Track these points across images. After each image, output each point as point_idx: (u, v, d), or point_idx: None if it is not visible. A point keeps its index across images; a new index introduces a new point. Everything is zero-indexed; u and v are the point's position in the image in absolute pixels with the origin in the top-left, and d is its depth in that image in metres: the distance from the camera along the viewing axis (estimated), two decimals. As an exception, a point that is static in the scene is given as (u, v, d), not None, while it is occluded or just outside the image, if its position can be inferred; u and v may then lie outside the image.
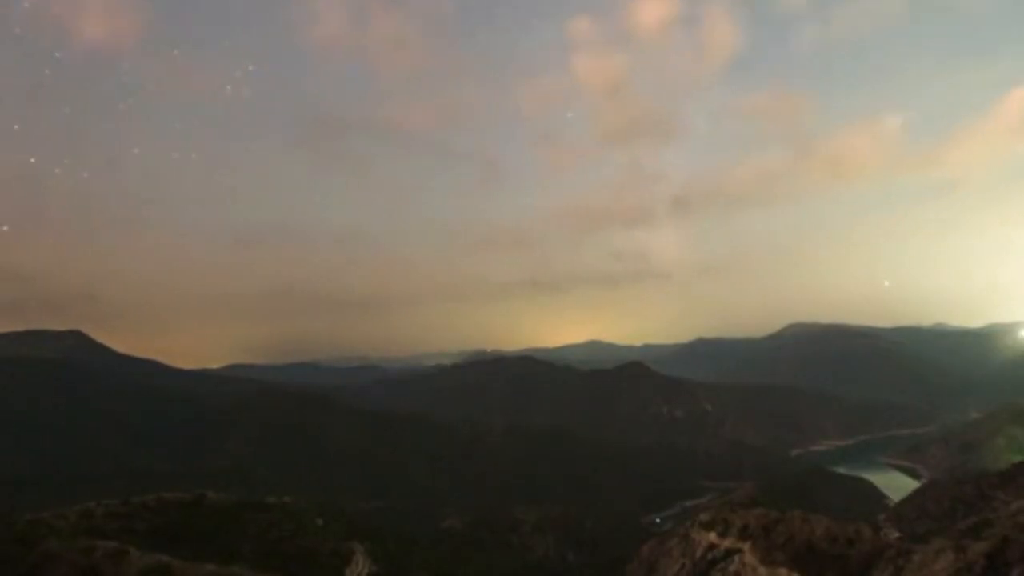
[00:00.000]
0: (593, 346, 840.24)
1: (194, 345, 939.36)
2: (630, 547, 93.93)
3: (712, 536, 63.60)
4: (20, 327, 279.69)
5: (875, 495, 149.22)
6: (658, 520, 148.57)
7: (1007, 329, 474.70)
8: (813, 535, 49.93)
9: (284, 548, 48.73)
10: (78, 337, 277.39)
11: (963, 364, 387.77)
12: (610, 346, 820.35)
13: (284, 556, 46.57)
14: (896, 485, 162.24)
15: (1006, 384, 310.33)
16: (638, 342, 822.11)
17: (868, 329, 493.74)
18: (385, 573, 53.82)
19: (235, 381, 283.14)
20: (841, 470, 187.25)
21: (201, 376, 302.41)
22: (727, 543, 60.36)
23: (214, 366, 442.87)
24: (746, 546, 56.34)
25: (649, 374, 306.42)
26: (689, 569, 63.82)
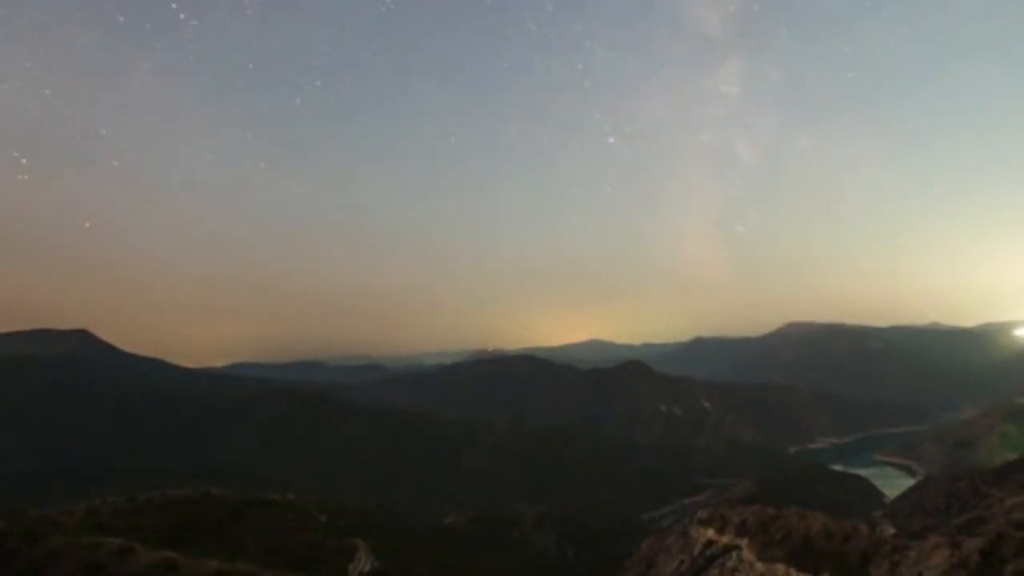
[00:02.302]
0: (593, 345, 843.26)
1: (199, 344, 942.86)
2: (630, 544, 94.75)
3: (710, 532, 64.18)
4: (27, 326, 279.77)
5: (871, 492, 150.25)
6: (657, 517, 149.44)
7: (1001, 328, 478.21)
8: (810, 531, 50.46)
9: (288, 544, 49.08)
10: (84, 336, 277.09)
11: (958, 363, 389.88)
12: (610, 345, 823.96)
13: (288, 552, 46.90)
14: (892, 482, 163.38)
15: (1000, 382, 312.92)
16: (638, 341, 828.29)
17: (864, 328, 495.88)
18: (387, 569, 54.15)
19: (239, 380, 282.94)
20: (838, 467, 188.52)
21: (205, 375, 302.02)
22: (725, 539, 60.95)
23: (218, 365, 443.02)
24: (744, 542, 56.94)
25: (648, 373, 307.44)
26: (688, 565, 64.41)
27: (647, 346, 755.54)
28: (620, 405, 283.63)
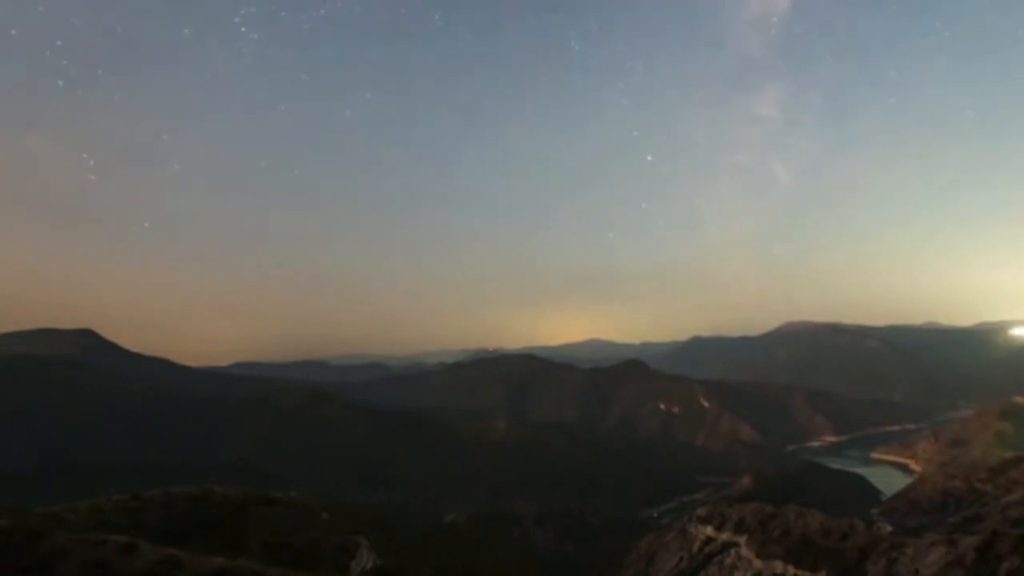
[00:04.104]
0: (593, 344, 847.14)
1: (202, 344, 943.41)
2: (629, 541, 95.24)
3: (709, 530, 64.75)
4: (32, 325, 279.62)
5: (868, 490, 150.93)
6: (656, 514, 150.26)
7: (997, 327, 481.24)
8: (808, 529, 50.98)
9: (290, 542, 49.29)
10: (89, 335, 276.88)
11: (954, 361, 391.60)
12: (609, 344, 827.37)
13: (290, 550, 47.11)
14: (889, 480, 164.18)
15: (996, 381, 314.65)
16: (637, 340, 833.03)
17: (861, 327, 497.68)
18: (389, 566, 54.42)
19: (242, 379, 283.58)
20: (835, 465, 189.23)
21: (209, 374, 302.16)
22: (724, 537, 61.51)
23: (222, 364, 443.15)
24: (742, 540, 57.46)
25: (647, 372, 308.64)
26: (687, 562, 64.94)
27: (646, 345, 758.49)
28: (619, 404, 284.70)
